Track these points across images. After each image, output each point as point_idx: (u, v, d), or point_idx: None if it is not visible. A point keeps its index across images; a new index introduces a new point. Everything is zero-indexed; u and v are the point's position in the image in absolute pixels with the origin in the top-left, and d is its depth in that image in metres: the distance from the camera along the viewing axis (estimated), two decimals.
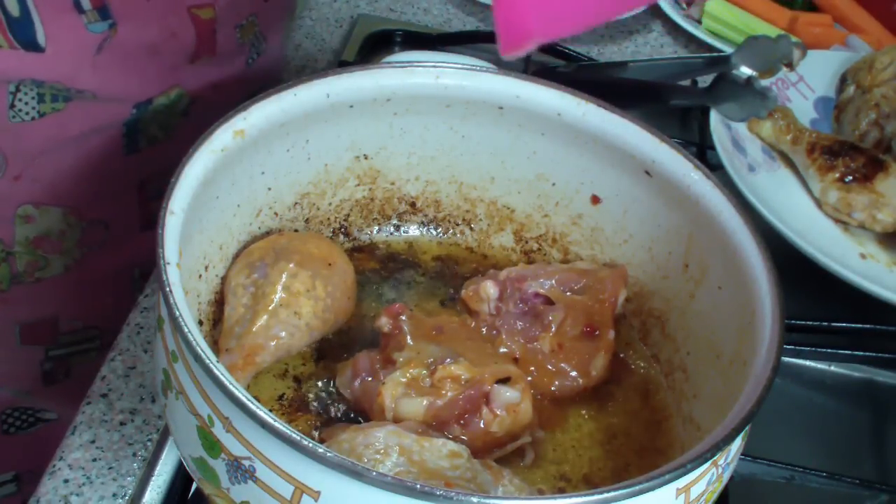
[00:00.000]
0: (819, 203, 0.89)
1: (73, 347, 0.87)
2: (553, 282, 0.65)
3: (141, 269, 0.87)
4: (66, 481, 0.61)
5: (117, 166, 0.79)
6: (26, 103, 0.70)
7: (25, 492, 0.95)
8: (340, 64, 1.02)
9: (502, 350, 0.63)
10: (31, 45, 0.66)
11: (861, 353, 0.79)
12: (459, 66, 0.64)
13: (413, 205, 0.71)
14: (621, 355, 0.66)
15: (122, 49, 0.70)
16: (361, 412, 0.59)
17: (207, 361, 0.45)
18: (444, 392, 0.55)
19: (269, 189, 0.64)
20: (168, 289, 0.47)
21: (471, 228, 0.72)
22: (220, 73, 0.80)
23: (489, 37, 1.10)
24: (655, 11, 1.21)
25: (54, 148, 0.74)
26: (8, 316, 0.81)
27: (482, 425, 0.55)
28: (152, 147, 0.80)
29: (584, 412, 0.62)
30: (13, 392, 0.88)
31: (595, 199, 0.68)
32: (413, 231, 0.72)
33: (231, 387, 0.44)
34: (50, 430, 0.91)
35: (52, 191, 0.76)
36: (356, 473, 0.42)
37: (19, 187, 0.74)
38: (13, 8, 0.64)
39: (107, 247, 0.82)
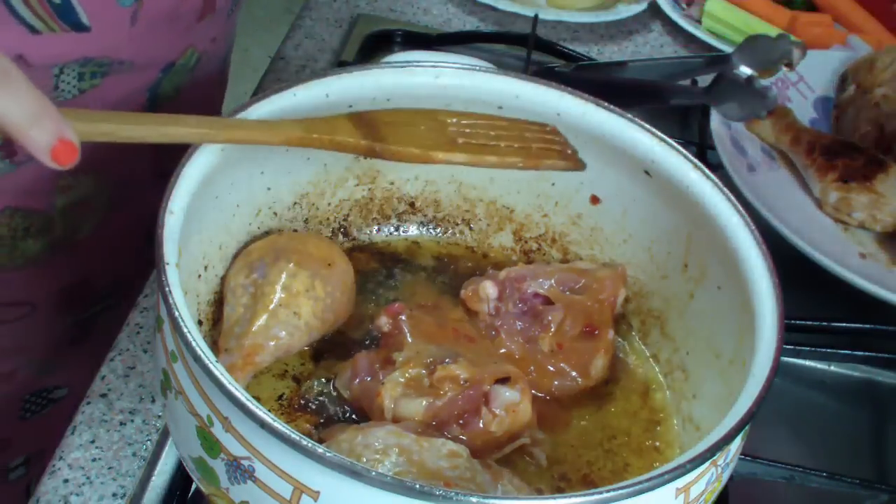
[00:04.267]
0: (819, 203, 0.89)
1: (100, 305, 0.91)
2: (552, 282, 0.65)
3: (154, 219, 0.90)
4: (66, 481, 0.61)
5: None
6: (68, 83, 0.73)
7: (32, 473, 0.97)
8: (340, 64, 1.02)
9: (502, 350, 0.63)
10: (78, 26, 0.70)
11: (861, 353, 0.79)
12: (459, 66, 0.64)
13: (412, 204, 0.71)
14: (621, 355, 0.66)
15: (150, 18, 0.74)
16: (361, 412, 0.59)
17: (207, 361, 0.45)
18: (443, 392, 0.55)
19: (269, 189, 0.64)
20: (167, 289, 0.47)
21: (470, 228, 0.72)
22: (216, 28, 0.84)
23: (489, 37, 1.10)
24: (655, 11, 1.21)
25: None
26: (48, 281, 0.85)
27: (481, 425, 0.55)
28: (167, 104, 0.84)
29: (583, 412, 0.62)
30: (37, 363, 0.90)
31: (594, 199, 0.68)
32: (413, 231, 0.72)
33: (230, 387, 0.44)
34: (59, 408, 0.93)
35: (87, 159, 0.78)
36: (355, 473, 0.42)
37: None
38: None
39: (127, 204, 0.87)
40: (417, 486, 0.42)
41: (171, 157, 0.53)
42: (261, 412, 0.43)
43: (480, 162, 0.58)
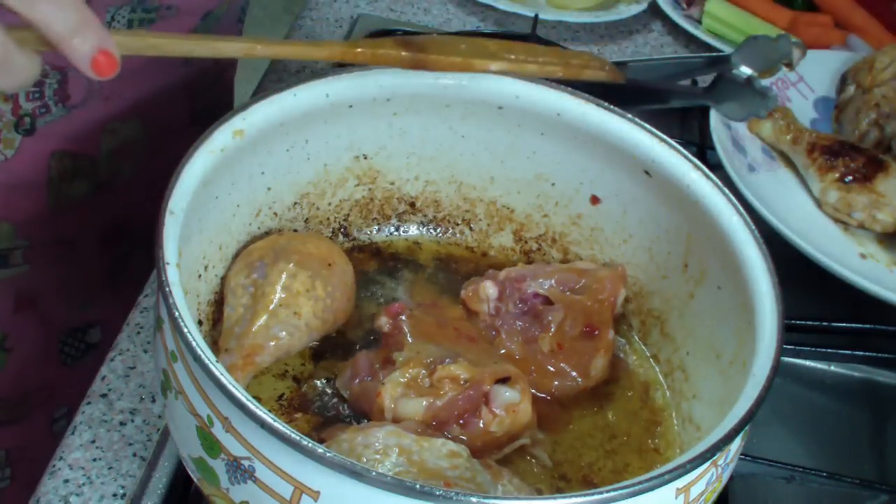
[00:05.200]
0: (819, 203, 0.89)
1: (136, 245, 0.95)
2: (552, 282, 0.65)
3: None
4: (66, 481, 0.61)
5: (177, 74, 0.87)
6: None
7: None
8: (340, 64, 1.01)
9: (502, 350, 0.63)
10: None
11: (861, 353, 0.79)
12: None
13: (413, 205, 0.71)
14: (621, 355, 0.66)
15: None
16: (361, 412, 0.59)
17: (207, 361, 0.45)
18: (443, 392, 0.55)
19: (269, 189, 0.64)
20: (168, 289, 0.47)
21: (470, 228, 0.72)
22: None
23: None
24: (655, 11, 1.21)
25: (138, 67, 0.82)
26: (90, 221, 0.89)
27: (481, 425, 0.55)
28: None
29: (583, 412, 0.62)
30: (75, 301, 0.93)
31: (595, 199, 0.68)
32: (413, 231, 0.72)
33: (230, 387, 0.44)
34: (96, 355, 0.96)
35: (132, 105, 0.85)
36: (356, 473, 0.42)
37: (110, 106, 0.83)
38: None
39: (164, 148, 0.90)
40: (417, 486, 0.42)
41: (205, 105, 0.55)
42: (261, 412, 0.43)
43: (520, 70, 0.59)
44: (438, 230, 0.72)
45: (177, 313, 0.46)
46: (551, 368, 0.62)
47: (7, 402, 0.91)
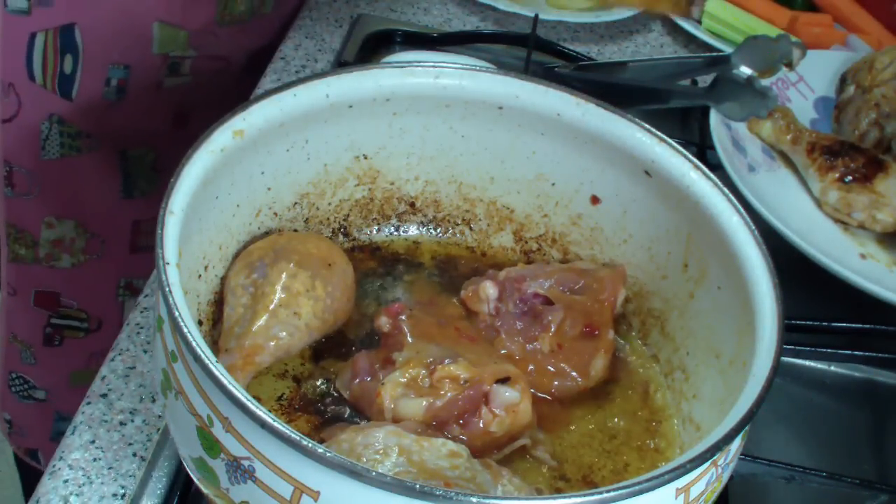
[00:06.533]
0: (819, 203, 0.89)
1: (68, 321, 1.12)
2: (552, 282, 0.65)
3: (126, 278, 1.13)
4: (65, 481, 0.61)
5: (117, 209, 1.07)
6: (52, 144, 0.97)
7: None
8: (340, 64, 1.02)
9: (502, 350, 0.63)
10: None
11: (861, 353, 0.79)
12: (459, 66, 0.64)
13: (413, 205, 0.71)
14: (621, 355, 0.66)
15: None
16: (361, 412, 0.59)
17: (207, 361, 0.45)
18: (443, 392, 0.55)
19: (269, 189, 0.64)
20: (168, 289, 0.47)
21: (470, 228, 0.72)
22: None
23: (489, 37, 1.10)
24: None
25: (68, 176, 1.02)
26: (27, 282, 1.08)
27: (481, 425, 0.55)
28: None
29: (583, 412, 0.62)
30: (21, 346, 1.11)
31: (595, 200, 0.68)
32: (413, 231, 0.72)
33: (230, 387, 0.44)
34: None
35: (67, 206, 1.04)
36: (356, 473, 0.42)
37: (45, 203, 1.01)
38: None
39: (102, 260, 1.09)
40: (417, 486, 0.42)
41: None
42: (261, 412, 0.43)
43: None
44: (438, 230, 0.72)
45: (177, 313, 0.46)
46: (551, 368, 0.62)
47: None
